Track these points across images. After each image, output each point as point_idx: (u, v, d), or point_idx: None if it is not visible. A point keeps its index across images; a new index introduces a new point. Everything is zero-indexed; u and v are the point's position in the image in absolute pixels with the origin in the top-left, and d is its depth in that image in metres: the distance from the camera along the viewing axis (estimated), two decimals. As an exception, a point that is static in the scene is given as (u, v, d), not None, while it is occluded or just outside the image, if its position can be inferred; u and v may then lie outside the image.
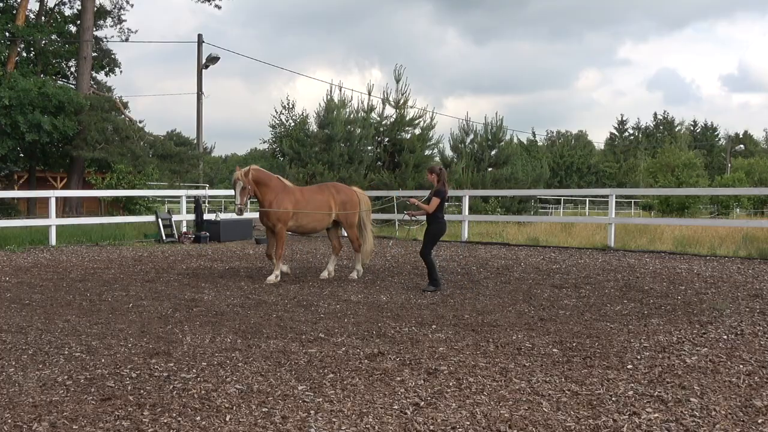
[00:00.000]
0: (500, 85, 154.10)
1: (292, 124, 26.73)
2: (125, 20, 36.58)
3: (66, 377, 4.95)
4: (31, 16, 31.80)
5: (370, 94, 25.83)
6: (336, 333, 6.43)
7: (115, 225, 18.35)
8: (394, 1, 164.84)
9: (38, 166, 31.42)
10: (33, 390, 4.66)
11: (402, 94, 25.55)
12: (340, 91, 27.13)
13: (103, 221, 18.52)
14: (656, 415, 4.18)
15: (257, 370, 5.12)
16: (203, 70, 29.73)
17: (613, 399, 4.48)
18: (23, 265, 11.92)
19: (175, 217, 17.75)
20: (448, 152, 28.34)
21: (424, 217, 9.50)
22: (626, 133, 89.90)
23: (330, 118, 24.29)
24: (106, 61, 34.06)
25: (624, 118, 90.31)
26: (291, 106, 27.33)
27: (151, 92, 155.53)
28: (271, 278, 9.87)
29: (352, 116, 24.86)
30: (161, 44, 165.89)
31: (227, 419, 4.10)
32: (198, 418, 4.12)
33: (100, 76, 34.98)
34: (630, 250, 14.39)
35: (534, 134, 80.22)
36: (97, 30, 32.93)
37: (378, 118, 25.50)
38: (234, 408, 4.29)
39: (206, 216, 17.93)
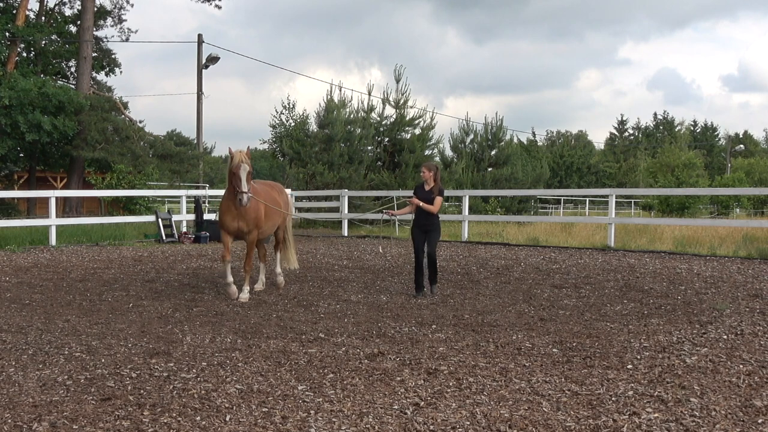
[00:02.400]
0: (500, 85, 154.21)
1: (292, 124, 26.69)
2: (125, 20, 36.53)
3: (66, 377, 4.95)
4: (31, 16, 31.78)
5: (370, 94, 25.87)
6: (336, 333, 6.43)
7: (115, 225, 18.36)
8: (393, 1, 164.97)
9: (38, 166, 31.41)
10: (33, 390, 4.66)
11: (402, 94, 25.58)
12: (340, 91, 27.17)
13: (103, 221, 18.53)
14: (656, 415, 4.18)
15: (257, 370, 5.12)
16: (203, 70, 29.74)
17: (613, 399, 4.48)
18: (23, 265, 11.92)
19: (175, 217, 17.75)
20: (448, 152, 28.39)
21: (407, 217, 9.12)
22: (626, 133, 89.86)
23: (330, 118, 24.30)
24: (106, 61, 34.04)
25: (624, 118, 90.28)
26: (291, 106, 27.27)
27: (151, 92, 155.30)
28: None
29: (352, 116, 24.87)
30: (161, 44, 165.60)
31: (227, 419, 4.10)
32: (198, 418, 4.12)
33: (100, 76, 34.98)
34: (630, 250, 14.38)
35: (534, 134, 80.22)
36: (97, 30, 32.93)
37: (378, 118, 25.51)
38: (234, 408, 4.30)
39: (206, 216, 17.93)
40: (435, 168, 8.93)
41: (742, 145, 74.44)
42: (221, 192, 29.14)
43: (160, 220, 17.21)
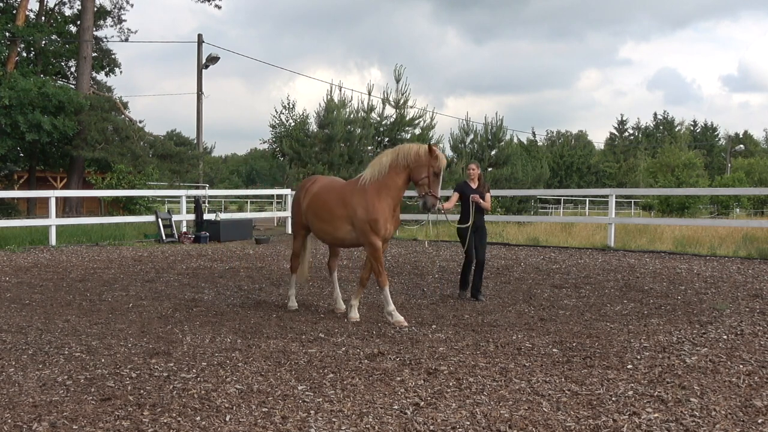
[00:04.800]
0: (500, 85, 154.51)
1: (292, 124, 26.68)
2: (125, 20, 36.65)
3: (66, 377, 4.95)
4: (31, 16, 31.80)
5: (370, 94, 25.84)
6: (336, 333, 6.43)
7: (115, 225, 18.36)
8: (393, 1, 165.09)
9: (38, 166, 31.43)
10: (33, 390, 4.66)
11: (402, 94, 25.55)
12: (340, 91, 27.13)
13: (103, 221, 18.53)
14: (656, 415, 4.17)
15: (257, 370, 5.12)
16: (203, 70, 29.74)
17: (613, 399, 4.48)
18: (23, 265, 11.92)
19: (175, 217, 17.75)
20: (448, 152, 28.32)
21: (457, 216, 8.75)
22: (626, 133, 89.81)
23: (330, 118, 24.28)
24: (106, 61, 34.07)
25: (624, 118, 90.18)
26: (291, 106, 27.26)
27: (151, 92, 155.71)
28: (400, 319, 6.95)
29: (352, 116, 24.85)
30: (161, 44, 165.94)
31: (227, 419, 4.10)
32: (198, 418, 4.12)
33: (100, 76, 35.01)
34: (630, 250, 14.38)
35: (534, 134, 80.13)
36: (97, 30, 32.94)
37: (378, 118, 25.49)
38: (234, 408, 4.29)
39: (206, 216, 17.93)
40: (479, 166, 8.78)
41: (742, 145, 74.46)
42: (221, 192, 29.09)
43: (160, 220, 17.20)
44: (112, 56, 34.62)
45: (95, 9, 31.08)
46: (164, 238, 16.81)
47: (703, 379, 4.91)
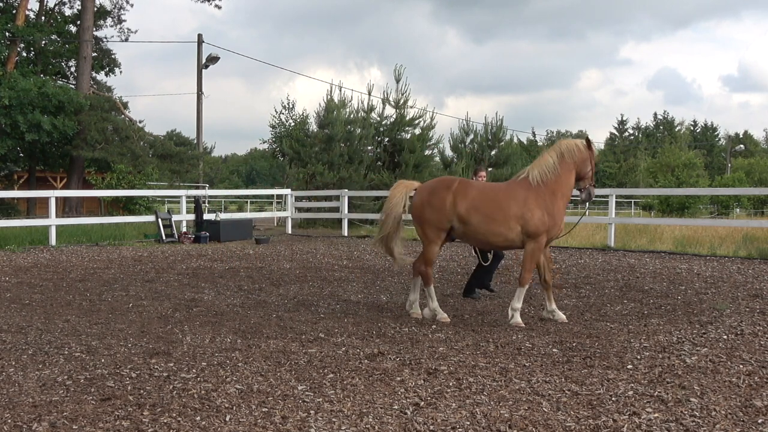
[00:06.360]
0: (500, 85, 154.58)
1: (292, 124, 26.70)
2: (125, 20, 36.62)
3: (66, 377, 4.95)
4: (31, 15, 31.80)
5: (370, 94, 25.84)
6: (336, 333, 6.43)
7: (115, 225, 18.36)
8: (393, 1, 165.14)
9: (38, 166, 31.43)
10: (33, 390, 4.66)
11: (402, 94, 25.54)
12: (340, 91, 27.13)
13: (103, 221, 18.53)
14: (656, 415, 4.17)
15: (257, 370, 5.12)
16: (203, 70, 29.75)
17: (613, 399, 4.48)
18: (23, 265, 11.92)
19: (175, 217, 17.75)
20: (448, 152, 28.32)
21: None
22: (626, 133, 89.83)
23: (330, 118, 24.29)
24: (106, 61, 34.06)
25: (624, 118, 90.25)
26: (291, 106, 27.28)
27: (151, 92, 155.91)
28: (518, 321, 6.91)
29: (352, 116, 24.85)
30: (161, 44, 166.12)
31: (227, 419, 4.10)
32: (198, 418, 4.12)
33: (100, 76, 35.00)
34: (630, 250, 14.38)
35: (534, 134, 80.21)
36: (97, 30, 32.94)
37: (378, 118, 25.48)
38: (234, 408, 4.29)
39: (206, 216, 17.93)
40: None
41: (742, 145, 74.49)
42: (221, 192, 29.06)
43: (160, 220, 17.20)
44: (112, 56, 34.62)
45: (95, 9, 31.09)
46: (164, 238, 16.81)
47: (703, 379, 4.91)
